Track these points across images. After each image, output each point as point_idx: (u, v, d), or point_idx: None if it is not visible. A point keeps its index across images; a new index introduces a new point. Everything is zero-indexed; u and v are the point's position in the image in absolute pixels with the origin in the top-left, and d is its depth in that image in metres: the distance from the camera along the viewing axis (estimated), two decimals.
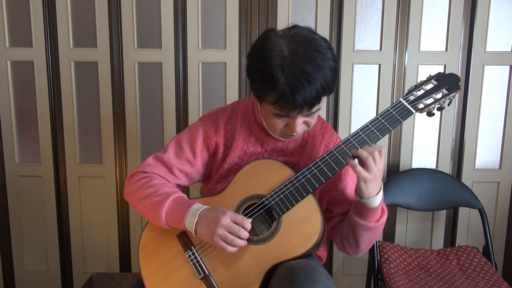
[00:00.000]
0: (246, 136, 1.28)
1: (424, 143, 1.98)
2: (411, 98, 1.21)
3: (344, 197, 1.29)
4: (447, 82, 1.22)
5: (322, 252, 1.35)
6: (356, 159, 1.16)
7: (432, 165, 2.00)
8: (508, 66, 1.92)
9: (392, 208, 2.03)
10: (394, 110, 1.19)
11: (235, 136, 1.28)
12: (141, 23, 1.91)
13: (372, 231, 1.21)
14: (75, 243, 2.07)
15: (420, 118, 1.96)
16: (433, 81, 1.23)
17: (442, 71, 1.91)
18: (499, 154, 1.99)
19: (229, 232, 1.10)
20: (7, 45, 1.93)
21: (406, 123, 1.95)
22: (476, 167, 1.99)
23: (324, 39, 1.13)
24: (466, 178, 1.99)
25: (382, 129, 1.18)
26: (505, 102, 1.95)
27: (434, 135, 1.97)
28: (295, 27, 1.14)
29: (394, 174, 1.93)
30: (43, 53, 1.92)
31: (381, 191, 1.17)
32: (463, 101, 1.95)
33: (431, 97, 1.20)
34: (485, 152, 1.99)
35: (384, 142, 1.97)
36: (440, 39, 1.91)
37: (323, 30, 1.89)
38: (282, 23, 1.88)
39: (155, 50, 1.92)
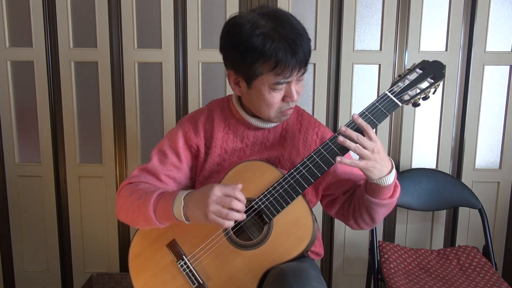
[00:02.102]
0: (224, 133, 1.27)
1: (424, 143, 1.98)
2: (396, 89, 1.17)
3: (338, 177, 1.27)
4: (431, 71, 1.18)
5: (319, 248, 1.34)
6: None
7: (432, 165, 2.00)
8: (508, 66, 1.92)
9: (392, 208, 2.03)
10: (380, 104, 1.15)
11: (213, 135, 1.27)
12: (141, 23, 1.91)
13: (387, 206, 1.19)
14: (75, 243, 2.07)
15: (420, 117, 1.96)
16: (417, 70, 1.19)
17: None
18: (499, 154, 1.99)
19: (223, 207, 1.06)
20: (7, 45, 1.93)
21: (406, 123, 1.95)
22: (476, 167, 1.99)
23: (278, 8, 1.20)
24: (466, 178, 1.99)
25: (369, 124, 1.13)
26: (505, 102, 1.95)
27: (434, 135, 1.97)
28: (254, 8, 1.17)
29: None
30: (43, 53, 1.92)
31: (393, 168, 1.15)
32: (463, 101, 1.95)
33: (416, 88, 1.17)
34: (485, 152, 1.99)
35: (384, 142, 1.97)
36: (440, 39, 1.91)
37: (323, 30, 1.89)
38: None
39: (155, 50, 1.92)
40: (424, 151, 1.99)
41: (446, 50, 1.91)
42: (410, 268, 1.77)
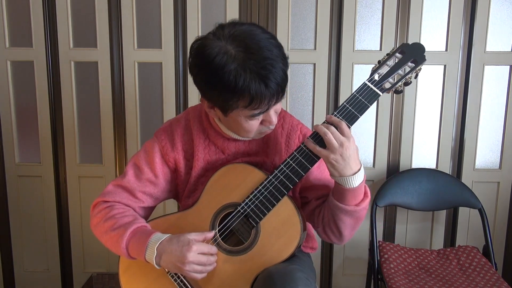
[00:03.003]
0: (205, 145, 1.23)
1: (424, 143, 1.98)
2: (376, 78, 1.12)
3: (312, 182, 1.23)
4: (412, 54, 1.13)
5: (312, 242, 1.33)
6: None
7: (432, 165, 1.99)
8: (508, 66, 1.92)
9: (392, 208, 2.03)
10: (360, 95, 1.10)
11: (194, 148, 1.23)
12: (141, 23, 1.91)
13: (352, 216, 1.13)
14: (75, 243, 2.07)
15: (420, 117, 1.96)
16: (397, 54, 1.14)
17: (442, 71, 1.92)
18: (499, 154, 1.99)
19: (199, 264, 1.09)
20: (7, 45, 1.93)
21: (406, 123, 1.95)
22: (476, 167, 1.99)
23: (252, 24, 1.08)
24: (466, 178, 1.99)
25: (351, 117, 1.09)
26: (505, 102, 1.95)
27: (434, 135, 1.97)
28: (223, 26, 1.07)
29: (394, 174, 1.93)
30: (43, 53, 1.92)
31: (360, 171, 1.09)
32: (463, 101, 1.95)
33: (397, 74, 1.11)
34: (485, 152, 1.99)
35: (384, 142, 1.97)
36: (440, 39, 1.91)
37: (323, 30, 1.89)
38: (282, 23, 1.88)
39: (155, 50, 1.92)
40: (424, 151, 1.99)
41: (446, 50, 1.91)
42: (410, 268, 1.77)
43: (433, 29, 1.90)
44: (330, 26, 1.90)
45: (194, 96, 1.94)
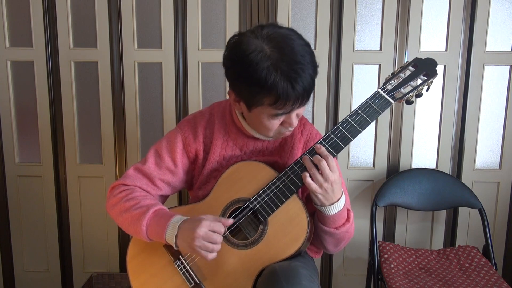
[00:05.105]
0: (223, 140, 1.27)
1: (424, 143, 1.98)
2: (389, 87, 1.18)
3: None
4: (424, 68, 1.19)
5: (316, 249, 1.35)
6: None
7: (432, 165, 2.00)
8: (508, 66, 1.92)
9: (392, 208, 2.03)
10: (372, 102, 1.17)
11: (213, 141, 1.27)
12: (141, 23, 1.91)
13: (332, 236, 1.19)
14: (75, 243, 2.07)
15: (420, 117, 1.96)
16: (410, 67, 1.20)
17: (442, 71, 1.92)
18: (499, 154, 1.99)
19: (208, 241, 1.09)
20: (7, 45, 1.93)
21: (406, 123, 1.95)
22: (476, 167, 1.99)
23: (290, 29, 1.13)
24: (466, 178, 1.99)
25: (362, 122, 1.15)
26: (505, 102, 1.95)
27: (434, 135, 1.97)
28: (262, 27, 1.12)
29: (394, 174, 1.93)
30: (43, 53, 1.92)
31: (339, 202, 1.15)
32: (463, 101, 1.95)
33: (408, 85, 1.18)
34: (485, 152, 1.99)
35: (384, 142, 1.97)
36: (440, 39, 1.91)
37: (323, 30, 1.89)
38: (282, 23, 1.88)
39: (155, 50, 1.92)
40: (424, 151, 1.99)
41: (446, 50, 1.91)
42: (410, 268, 1.77)
43: (433, 29, 1.90)
44: (330, 26, 1.90)
45: (194, 96, 1.94)
